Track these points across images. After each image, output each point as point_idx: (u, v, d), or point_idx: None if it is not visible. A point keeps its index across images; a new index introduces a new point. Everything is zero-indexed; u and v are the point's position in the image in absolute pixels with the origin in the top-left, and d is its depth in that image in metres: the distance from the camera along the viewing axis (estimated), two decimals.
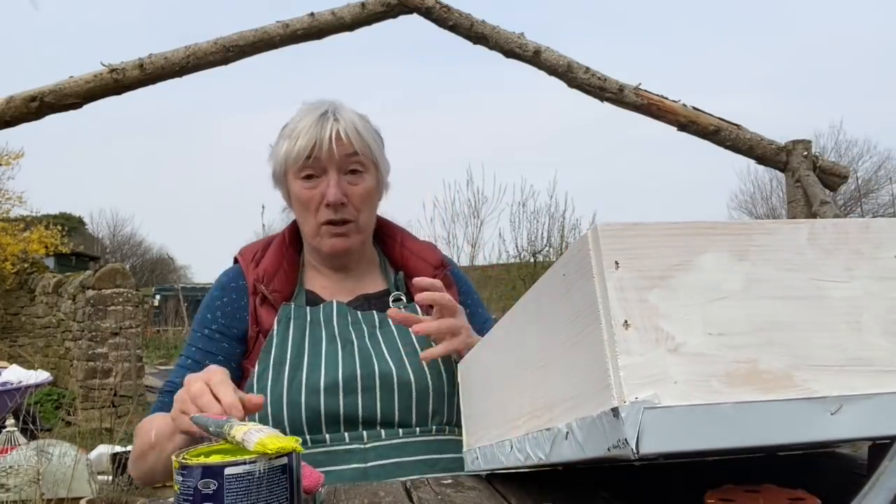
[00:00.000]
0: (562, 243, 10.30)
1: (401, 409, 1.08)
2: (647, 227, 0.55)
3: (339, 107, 1.18)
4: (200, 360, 1.14)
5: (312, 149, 1.12)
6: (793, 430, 0.51)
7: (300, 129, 1.14)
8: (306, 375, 1.08)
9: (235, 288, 1.19)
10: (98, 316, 7.40)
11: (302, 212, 1.18)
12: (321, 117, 1.14)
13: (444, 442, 1.10)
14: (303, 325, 1.14)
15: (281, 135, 1.19)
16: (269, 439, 0.61)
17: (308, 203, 1.15)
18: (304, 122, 1.14)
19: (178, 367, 1.17)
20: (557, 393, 0.61)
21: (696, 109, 3.10)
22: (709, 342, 0.52)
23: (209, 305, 1.20)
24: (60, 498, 3.25)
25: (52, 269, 11.19)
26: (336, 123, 1.14)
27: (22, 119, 2.81)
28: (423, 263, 1.24)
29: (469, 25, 3.04)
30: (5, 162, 11.58)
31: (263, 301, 1.16)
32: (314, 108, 1.17)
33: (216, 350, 1.15)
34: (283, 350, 1.11)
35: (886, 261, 0.58)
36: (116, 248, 29.26)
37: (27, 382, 4.65)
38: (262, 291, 1.16)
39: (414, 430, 1.09)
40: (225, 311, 1.18)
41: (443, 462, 1.08)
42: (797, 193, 3.12)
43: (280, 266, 1.20)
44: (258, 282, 1.17)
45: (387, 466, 1.04)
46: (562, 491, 0.77)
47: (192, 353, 1.17)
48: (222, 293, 1.20)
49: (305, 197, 1.15)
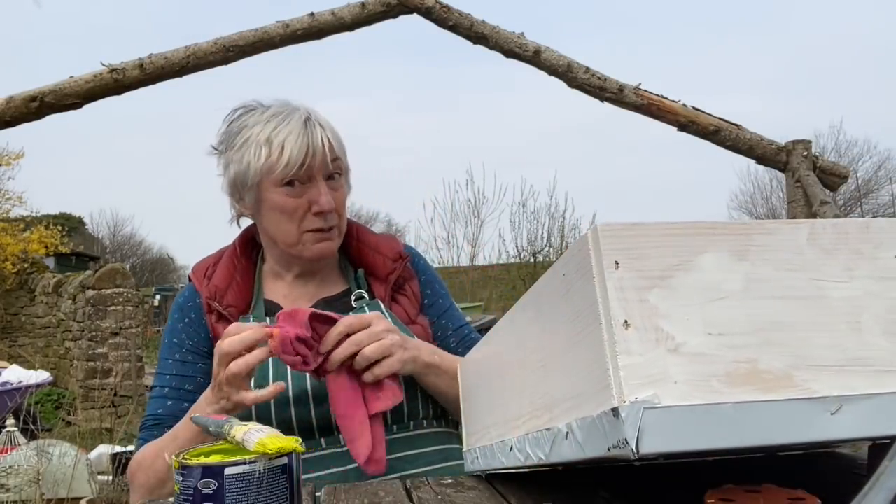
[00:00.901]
0: (562, 243, 10.30)
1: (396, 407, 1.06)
2: (647, 227, 0.55)
3: (313, 110, 1.14)
4: (178, 386, 1.12)
5: (305, 157, 1.08)
6: (793, 430, 0.51)
7: (283, 136, 1.08)
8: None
9: (193, 307, 1.17)
10: (98, 316, 7.40)
11: (281, 221, 1.12)
12: (306, 124, 1.10)
13: (423, 436, 1.10)
14: None
15: (243, 141, 1.11)
16: (269, 439, 0.61)
17: (293, 212, 1.11)
18: (286, 128, 1.09)
19: (155, 399, 1.13)
20: (557, 393, 0.61)
21: (696, 109, 3.10)
22: (709, 342, 0.52)
23: (173, 330, 1.17)
24: (60, 498, 3.25)
25: (52, 269, 11.19)
26: (322, 130, 1.11)
27: (22, 119, 2.81)
28: (381, 257, 1.21)
29: (469, 25, 3.04)
30: (5, 162, 11.59)
31: (220, 318, 1.13)
32: (286, 113, 1.11)
33: (193, 372, 1.13)
34: None
35: (886, 261, 0.58)
36: (116, 248, 29.26)
37: (27, 382, 4.65)
38: (217, 308, 1.13)
39: (391, 429, 1.08)
40: (189, 331, 1.15)
41: (424, 456, 1.08)
42: (797, 193, 3.12)
43: (232, 279, 1.17)
44: (211, 299, 1.14)
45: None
46: (562, 491, 0.77)
47: (168, 381, 1.14)
48: (182, 315, 1.17)
49: (290, 206, 1.11)
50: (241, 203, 1.16)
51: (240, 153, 1.11)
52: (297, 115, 1.11)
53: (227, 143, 1.14)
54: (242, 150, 1.11)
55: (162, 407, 1.11)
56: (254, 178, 1.10)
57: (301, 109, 1.13)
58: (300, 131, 1.09)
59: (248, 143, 1.11)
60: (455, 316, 1.28)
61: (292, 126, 1.09)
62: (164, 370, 1.15)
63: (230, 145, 1.14)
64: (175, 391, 1.12)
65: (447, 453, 1.11)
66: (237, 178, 1.12)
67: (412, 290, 1.23)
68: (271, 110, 1.12)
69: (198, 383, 1.11)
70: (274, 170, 1.08)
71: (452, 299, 1.32)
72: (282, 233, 1.14)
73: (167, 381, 1.14)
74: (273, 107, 1.14)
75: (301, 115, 1.11)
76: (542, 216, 10.56)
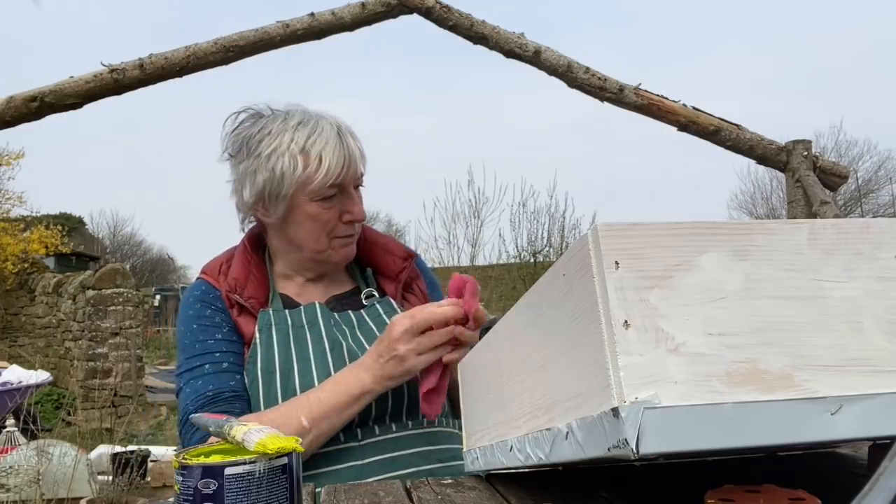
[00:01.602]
0: (562, 243, 10.30)
1: (394, 404, 1.08)
2: (647, 227, 0.55)
3: (336, 117, 1.13)
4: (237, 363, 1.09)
5: (343, 168, 1.08)
6: (793, 431, 0.51)
7: (320, 147, 1.08)
8: (299, 380, 1.06)
9: (215, 298, 1.14)
10: (98, 316, 7.40)
11: (313, 230, 1.13)
12: (339, 135, 1.10)
13: (436, 433, 1.11)
14: (285, 329, 1.11)
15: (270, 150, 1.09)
16: (270, 439, 0.61)
17: (326, 222, 1.12)
18: (321, 139, 1.08)
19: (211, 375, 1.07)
20: (557, 393, 0.61)
21: (696, 109, 3.10)
22: (709, 342, 0.52)
23: (202, 315, 1.12)
24: (60, 498, 3.25)
25: (53, 269, 11.20)
26: (353, 140, 1.11)
27: (22, 119, 2.81)
28: (391, 256, 1.23)
29: (469, 25, 3.04)
30: (5, 162, 11.59)
31: (241, 311, 1.13)
32: (314, 122, 1.10)
33: (239, 350, 1.11)
34: (269, 357, 1.08)
35: (886, 261, 0.58)
36: (116, 248, 29.25)
37: (27, 382, 4.66)
38: (238, 300, 1.12)
39: (406, 424, 1.09)
40: (222, 315, 1.13)
41: (436, 453, 1.09)
42: (797, 193, 3.12)
43: (249, 273, 1.16)
44: (231, 292, 1.13)
45: (383, 461, 1.05)
46: (562, 491, 0.77)
47: (220, 357, 1.08)
48: (206, 304, 1.14)
49: (325, 218, 1.11)
50: (265, 211, 1.14)
51: (269, 162, 1.08)
52: (326, 124, 1.10)
53: (248, 151, 1.11)
54: (272, 159, 1.08)
55: (233, 380, 1.07)
56: (289, 189, 1.09)
57: (327, 118, 1.12)
58: (336, 142, 1.09)
59: (277, 153, 1.08)
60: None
61: (327, 136, 1.09)
62: (209, 350, 1.09)
63: (251, 152, 1.10)
64: (236, 366, 1.09)
65: (456, 452, 1.11)
66: (268, 188, 1.10)
67: (420, 289, 1.25)
68: (296, 118, 1.11)
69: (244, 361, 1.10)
70: (311, 180, 1.08)
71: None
72: (312, 241, 1.14)
73: (220, 357, 1.08)
74: (294, 114, 1.12)
75: (331, 125, 1.10)
76: (542, 216, 10.56)
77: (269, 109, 1.15)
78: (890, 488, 0.37)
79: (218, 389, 1.06)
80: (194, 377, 1.08)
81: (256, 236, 1.23)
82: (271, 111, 1.14)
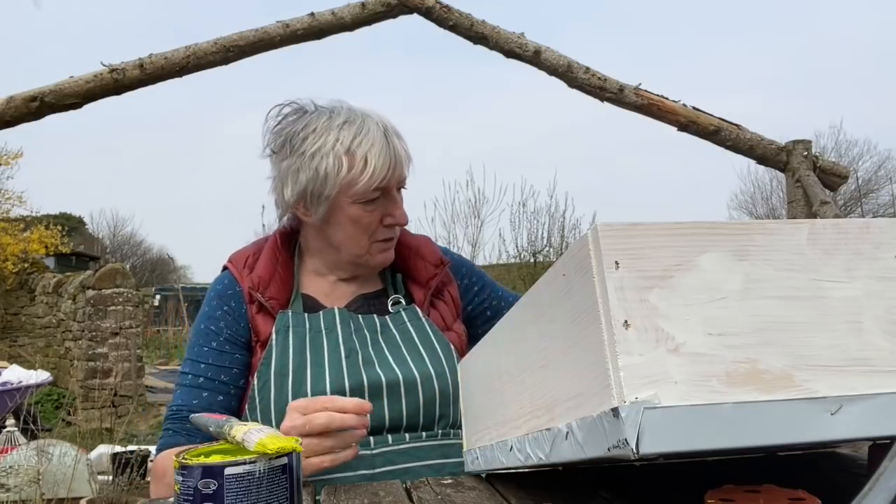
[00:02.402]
0: (562, 243, 10.29)
1: (408, 414, 1.06)
2: (647, 227, 0.55)
3: (383, 117, 1.11)
4: (214, 377, 1.09)
5: (388, 170, 1.06)
6: (793, 431, 0.51)
7: (366, 149, 1.05)
8: (311, 385, 1.05)
9: (233, 295, 1.14)
10: (98, 316, 7.40)
11: (354, 233, 1.11)
12: (386, 136, 1.07)
13: (451, 446, 1.08)
14: (303, 333, 1.10)
15: (315, 149, 1.07)
16: (269, 439, 0.61)
17: (368, 226, 1.10)
18: (367, 140, 1.06)
19: (188, 388, 1.10)
20: (557, 393, 0.61)
21: (696, 109, 3.10)
22: (709, 342, 0.52)
23: (211, 316, 1.13)
24: (60, 498, 3.25)
25: (52, 269, 11.20)
26: (399, 142, 1.09)
27: (22, 119, 2.80)
28: (422, 262, 1.20)
29: (469, 25, 3.04)
30: (5, 162, 11.60)
31: (260, 309, 1.12)
32: (360, 121, 1.08)
33: (230, 363, 1.11)
34: (283, 360, 1.07)
35: (886, 261, 0.58)
36: (116, 248, 29.25)
37: (27, 382, 4.65)
38: (259, 299, 1.11)
39: (420, 435, 1.07)
40: (228, 320, 1.12)
41: (449, 466, 1.06)
42: (797, 193, 3.11)
43: (275, 272, 1.14)
44: (253, 289, 1.11)
45: (395, 472, 1.02)
46: (562, 491, 0.77)
47: (203, 370, 1.10)
48: (221, 302, 1.14)
49: (367, 222, 1.10)
50: (306, 211, 1.12)
51: (313, 162, 1.07)
52: (372, 124, 1.08)
53: (291, 148, 1.09)
54: (316, 158, 1.06)
55: (197, 398, 1.08)
56: (332, 190, 1.07)
57: (373, 117, 1.09)
58: (383, 144, 1.06)
59: (321, 152, 1.06)
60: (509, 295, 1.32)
61: (373, 138, 1.06)
62: (199, 357, 1.11)
63: (294, 150, 1.09)
64: (211, 382, 1.09)
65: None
66: (310, 188, 1.08)
67: (451, 296, 1.23)
68: (341, 117, 1.08)
69: (233, 374, 1.10)
70: (355, 183, 1.06)
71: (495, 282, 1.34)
72: (352, 243, 1.13)
73: (202, 370, 1.10)
74: (340, 112, 1.10)
75: (378, 125, 1.08)
76: (542, 216, 10.55)
77: (314, 105, 1.12)
78: (890, 488, 0.37)
79: (178, 406, 1.09)
80: (179, 384, 1.12)
81: (289, 233, 1.21)
82: (315, 107, 1.12)
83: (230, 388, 1.09)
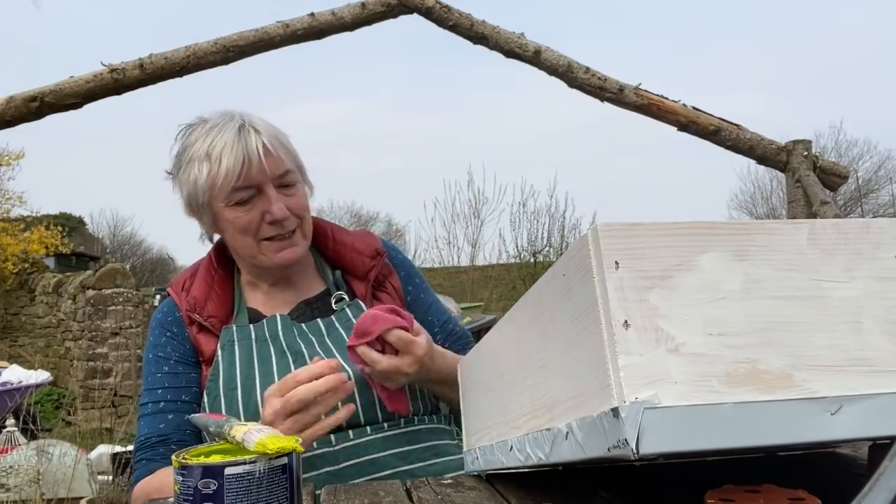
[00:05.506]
0: (562, 243, 10.30)
1: (364, 408, 1.06)
2: (647, 227, 0.55)
3: (250, 115, 1.11)
4: (175, 399, 1.09)
5: (242, 166, 1.05)
6: (793, 431, 0.51)
7: (218, 147, 1.05)
8: (260, 394, 1.03)
9: (173, 321, 1.15)
10: (98, 316, 7.40)
11: (237, 236, 1.11)
12: (240, 131, 1.07)
13: (417, 432, 1.09)
14: (248, 344, 1.10)
15: (188, 159, 1.09)
16: (269, 439, 0.61)
17: (247, 227, 1.10)
18: (220, 138, 1.06)
19: (151, 416, 1.09)
20: (557, 393, 0.61)
21: (696, 109, 3.10)
22: (709, 342, 0.52)
23: (157, 344, 1.14)
24: (60, 498, 3.25)
25: (53, 269, 11.20)
26: (258, 135, 1.07)
27: (22, 119, 2.81)
28: (358, 256, 1.20)
29: (469, 25, 3.04)
30: (5, 162, 11.60)
31: (201, 329, 1.12)
32: (222, 123, 1.08)
33: (187, 382, 1.11)
34: (231, 374, 1.07)
35: (886, 261, 0.58)
36: (116, 248, 29.24)
37: (27, 382, 4.66)
38: (198, 320, 1.12)
39: (382, 426, 1.07)
40: (174, 344, 1.13)
41: (416, 452, 1.07)
42: (797, 193, 3.11)
43: (210, 290, 1.15)
44: (190, 311, 1.12)
45: (359, 465, 1.03)
46: (562, 491, 0.77)
47: (161, 395, 1.10)
48: (163, 330, 1.15)
49: (244, 223, 1.09)
50: (203, 222, 1.15)
51: (186, 172, 1.09)
52: (231, 124, 1.08)
53: (177, 165, 1.12)
54: (188, 168, 1.09)
55: (163, 422, 1.09)
56: (203, 197, 1.09)
57: (236, 117, 1.10)
58: (234, 140, 1.06)
59: (192, 161, 1.08)
60: (439, 310, 1.27)
61: (227, 136, 1.06)
62: (154, 385, 1.11)
63: (178, 166, 1.12)
64: (173, 404, 1.09)
65: (438, 449, 1.09)
66: (190, 199, 1.11)
67: (393, 286, 1.22)
68: (210, 123, 1.10)
69: (193, 393, 1.10)
70: (216, 183, 1.06)
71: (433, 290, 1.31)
72: (241, 247, 1.13)
73: (160, 395, 1.10)
74: (212, 119, 1.11)
75: (235, 124, 1.08)
76: (542, 216, 10.57)
77: (201, 119, 1.13)
78: (890, 488, 0.37)
79: (146, 436, 1.09)
80: (142, 415, 1.12)
81: (223, 247, 1.21)
82: (200, 121, 1.12)
83: (193, 406, 1.09)
